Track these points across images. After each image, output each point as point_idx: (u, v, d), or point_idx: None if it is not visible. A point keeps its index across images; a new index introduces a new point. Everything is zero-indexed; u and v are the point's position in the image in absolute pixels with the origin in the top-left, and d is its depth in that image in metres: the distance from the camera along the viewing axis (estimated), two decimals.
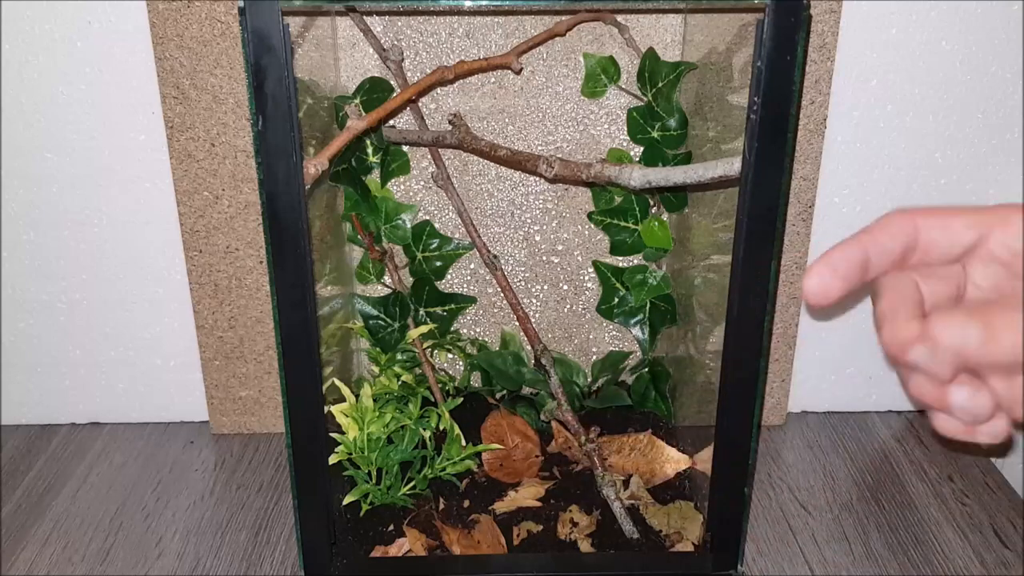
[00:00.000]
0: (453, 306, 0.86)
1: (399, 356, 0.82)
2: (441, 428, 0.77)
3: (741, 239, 0.57)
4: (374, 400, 0.74)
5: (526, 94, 0.81)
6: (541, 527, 0.72)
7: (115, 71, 0.78)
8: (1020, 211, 0.34)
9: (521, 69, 0.79)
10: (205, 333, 0.85)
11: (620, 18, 0.77)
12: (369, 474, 0.74)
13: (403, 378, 0.80)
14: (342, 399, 0.72)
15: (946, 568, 0.72)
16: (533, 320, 0.86)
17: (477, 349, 0.87)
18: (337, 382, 0.73)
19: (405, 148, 0.82)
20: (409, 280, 0.85)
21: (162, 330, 0.87)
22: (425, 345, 0.83)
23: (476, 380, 0.88)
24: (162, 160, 0.80)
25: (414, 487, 0.74)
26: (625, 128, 0.81)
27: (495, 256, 0.83)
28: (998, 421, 0.33)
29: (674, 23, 0.78)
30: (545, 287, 0.87)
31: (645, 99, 0.78)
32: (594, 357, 0.90)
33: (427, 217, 0.84)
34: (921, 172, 0.83)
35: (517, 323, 0.84)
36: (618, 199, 0.81)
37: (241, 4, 0.51)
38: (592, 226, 0.85)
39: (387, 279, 0.83)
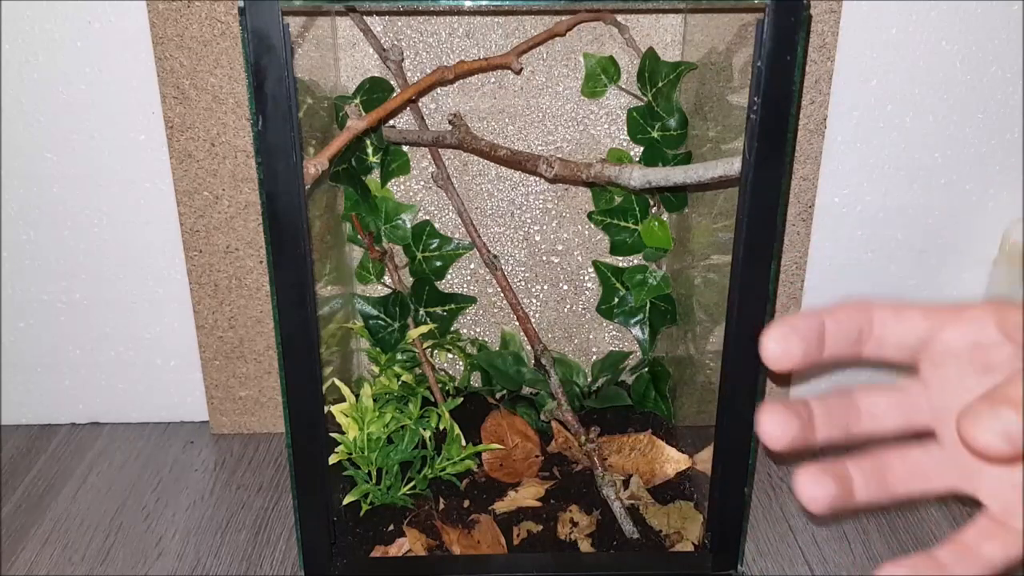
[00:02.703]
0: (453, 306, 0.86)
1: (399, 356, 0.82)
2: (441, 428, 0.77)
3: (741, 239, 0.57)
4: (374, 400, 0.74)
5: (526, 94, 0.81)
6: (541, 527, 0.72)
7: (115, 71, 0.78)
8: (972, 307, 0.33)
9: (521, 69, 0.79)
10: (205, 333, 0.85)
11: (620, 18, 0.77)
12: (369, 474, 0.74)
13: (403, 378, 0.80)
14: (342, 399, 0.72)
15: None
16: (533, 320, 0.86)
17: (477, 349, 0.87)
18: (337, 382, 0.73)
19: (405, 148, 0.82)
20: (409, 280, 0.85)
21: (162, 330, 0.87)
22: (425, 345, 0.83)
23: (476, 380, 0.88)
24: (162, 160, 0.80)
25: (414, 487, 0.74)
26: (625, 128, 0.81)
27: (495, 256, 0.83)
28: None
29: (674, 23, 0.78)
30: (545, 287, 0.87)
31: (645, 99, 0.78)
32: (594, 357, 0.90)
33: (427, 217, 0.84)
34: (921, 172, 0.83)
35: (517, 323, 0.84)
36: (618, 199, 0.81)
37: (241, 4, 0.51)
38: (592, 226, 0.85)
39: (387, 279, 0.83)
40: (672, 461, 0.78)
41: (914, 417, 0.35)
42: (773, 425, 0.33)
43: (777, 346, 0.32)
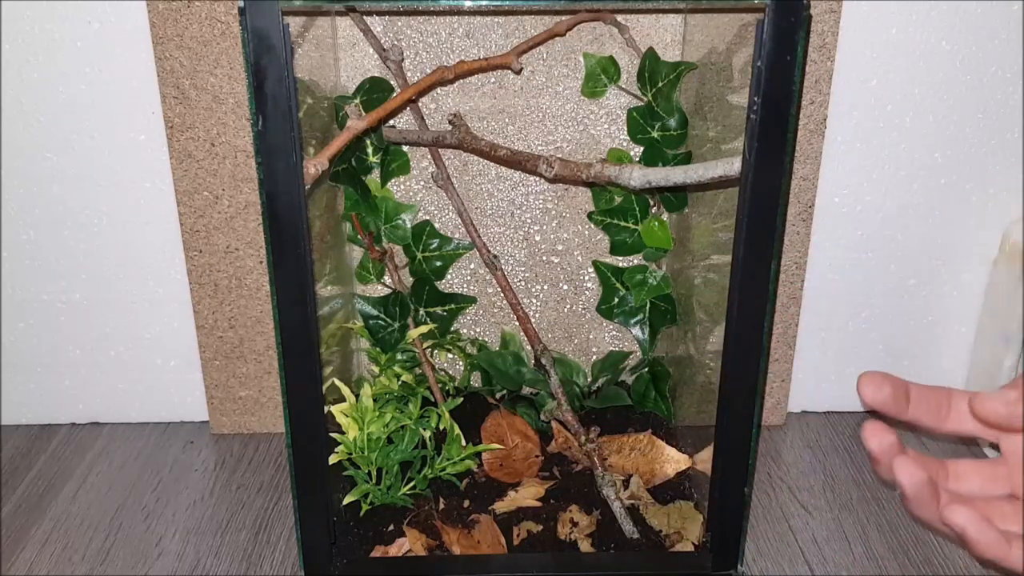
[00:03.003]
0: (453, 306, 0.86)
1: (399, 356, 0.82)
2: (441, 428, 0.77)
3: (741, 239, 0.57)
4: (374, 400, 0.75)
5: (526, 94, 0.81)
6: (541, 527, 0.72)
7: (115, 71, 0.78)
8: None
9: (521, 69, 0.79)
10: (205, 333, 0.85)
11: (620, 18, 0.77)
12: (369, 474, 0.74)
13: (403, 378, 0.80)
14: (342, 399, 0.72)
15: (946, 568, 0.72)
16: (533, 320, 0.86)
17: (477, 349, 0.87)
18: (337, 382, 0.73)
19: (405, 148, 0.82)
20: (409, 280, 0.85)
21: (162, 330, 0.87)
22: (425, 345, 0.83)
23: (476, 380, 0.88)
24: (162, 160, 0.80)
25: (414, 487, 0.74)
26: (625, 128, 0.81)
27: (495, 256, 0.83)
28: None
29: (674, 23, 0.78)
30: (545, 287, 0.87)
31: (645, 99, 0.78)
32: (594, 357, 0.90)
33: (427, 217, 0.84)
34: (921, 172, 0.83)
35: (517, 323, 0.84)
36: (618, 199, 0.81)
37: (241, 4, 0.51)
38: (592, 226, 0.85)
39: (387, 279, 0.83)
40: (672, 461, 0.78)
41: (994, 485, 0.42)
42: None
43: (871, 383, 0.39)
